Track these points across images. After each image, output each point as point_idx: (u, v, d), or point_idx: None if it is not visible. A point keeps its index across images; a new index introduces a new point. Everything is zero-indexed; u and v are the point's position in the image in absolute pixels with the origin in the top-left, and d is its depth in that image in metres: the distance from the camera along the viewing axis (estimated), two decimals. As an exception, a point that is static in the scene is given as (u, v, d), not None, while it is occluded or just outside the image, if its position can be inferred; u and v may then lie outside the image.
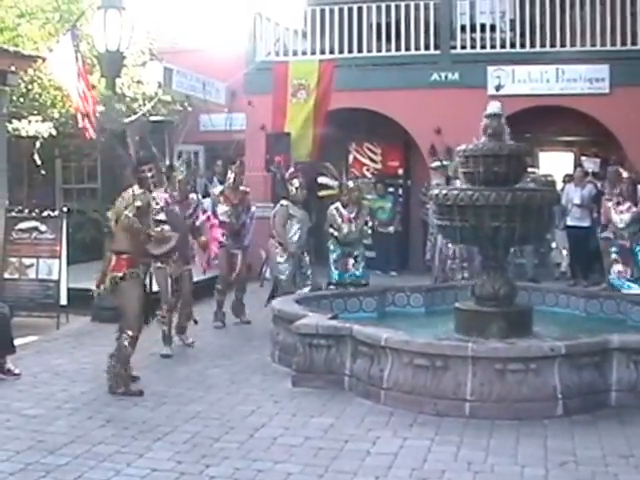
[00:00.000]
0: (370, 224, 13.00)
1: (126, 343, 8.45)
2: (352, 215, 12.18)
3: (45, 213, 12.38)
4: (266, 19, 18.52)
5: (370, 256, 17.98)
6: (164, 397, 8.40)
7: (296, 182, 12.27)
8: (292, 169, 12.98)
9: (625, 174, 13.03)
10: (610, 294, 11.97)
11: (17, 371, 9.11)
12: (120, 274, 8.47)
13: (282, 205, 12.29)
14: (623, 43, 16.73)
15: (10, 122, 14.01)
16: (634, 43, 16.69)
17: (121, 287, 8.51)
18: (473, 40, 17.56)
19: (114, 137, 12.86)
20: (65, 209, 12.78)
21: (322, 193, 16.71)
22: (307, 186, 12.51)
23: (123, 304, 8.63)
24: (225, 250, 12.17)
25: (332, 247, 12.25)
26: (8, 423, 7.52)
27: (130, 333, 8.45)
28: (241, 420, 7.63)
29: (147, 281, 9.86)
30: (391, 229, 17.85)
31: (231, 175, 12.37)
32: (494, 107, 9.62)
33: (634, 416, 7.68)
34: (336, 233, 12.16)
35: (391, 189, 18.57)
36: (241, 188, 12.43)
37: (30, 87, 15.12)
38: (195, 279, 11.40)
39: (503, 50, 17.41)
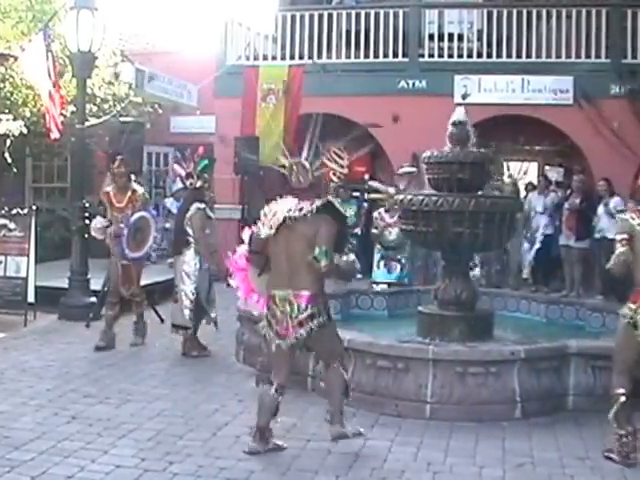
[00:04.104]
0: None
1: None
2: (392, 220, 12.54)
3: (14, 211, 12.38)
4: (237, 24, 18.59)
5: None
6: (129, 395, 8.47)
7: (200, 182, 10.59)
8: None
9: None
10: (570, 300, 12.17)
11: None
12: None
13: (199, 208, 10.45)
14: (587, 56, 16.95)
15: (-19, 120, 14.03)
16: (598, 56, 16.92)
17: None
18: (441, 49, 17.67)
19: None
20: (34, 207, 12.82)
21: (372, 196, 16.95)
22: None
23: None
24: (114, 261, 10.87)
25: (377, 250, 12.61)
26: (-26, 419, 7.55)
27: None
28: (205, 418, 7.73)
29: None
30: (357, 231, 18.04)
31: (117, 173, 10.78)
32: (459, 115, 9.78)
33: (590, 419, 7.79)
34: (376, 232, 12.58)
35: (357, 193, 18.65)
36: (133, 187, 10.88)
37: (2, 85, 15.09)
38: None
39: (470, 59, 17.56)
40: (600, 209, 14.43)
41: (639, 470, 6.66)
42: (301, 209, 6.88)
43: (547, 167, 17.55)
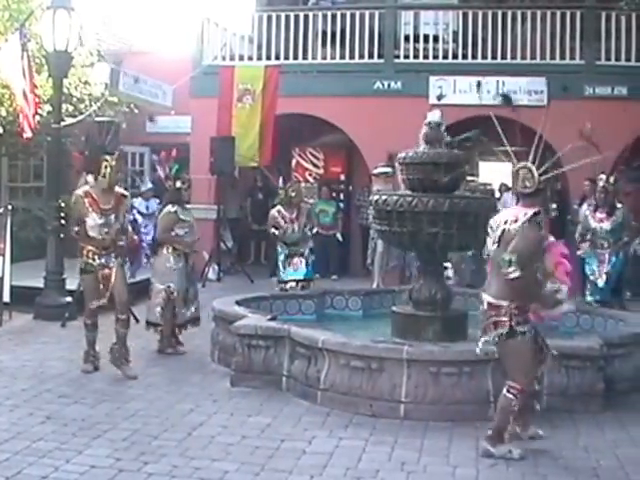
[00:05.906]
0: (309, 226, 12.97)
1: None
2: (293, 216, 12.45)
3: (-11, 210, 12.36)
4: (214, 24, 18.59)
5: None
6: (104, 395, 8.46)
7: (179, 182, 10.56)
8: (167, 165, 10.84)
9: (601, 183, 12.97)
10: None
11: None
12: None
13: (170, 212, 10.47)
14: (562, 57, 17.08)
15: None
16: (572, 57, 17.06)
17: None
18: (416, 50, 17.72)
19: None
20: (10, 207, 12.77)
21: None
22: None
23: None
24: (93, 274, 9.38)
25: (279, 249, 12.48)
26: (-51, 419, 7.52)
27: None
28: (180, 418, 7.74)
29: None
30: (338, 236, 17.97)
31: (105, 171, 9.19)
32: (434, 116, 9.85)
33: (564, 419, 7.89)
34: (277, 232, 12.40)
35: (332, 194, 18.70)
36: (116, 190, 9.48)
37: (-23, 85, 15.05)
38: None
39: (445, 61, 17.64)
40: (584, 207, 14.31)
41: (612, 469, 6.73)
42: (516, 220, 6.90)
43: (522, 168, 17.61)
